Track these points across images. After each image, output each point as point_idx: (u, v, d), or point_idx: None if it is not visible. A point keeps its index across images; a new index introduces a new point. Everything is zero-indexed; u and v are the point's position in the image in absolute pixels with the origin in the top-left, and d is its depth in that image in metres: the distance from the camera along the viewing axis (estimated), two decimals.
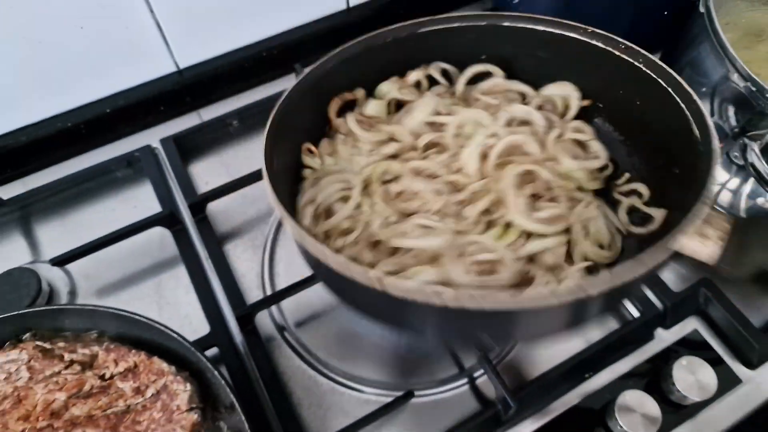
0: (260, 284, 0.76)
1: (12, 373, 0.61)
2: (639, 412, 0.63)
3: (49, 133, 0.86)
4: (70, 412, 0.59)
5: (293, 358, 0.71)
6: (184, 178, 0.83)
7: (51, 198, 0.84)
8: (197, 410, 0.59)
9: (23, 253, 0.81)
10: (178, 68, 0.91)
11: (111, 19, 0.79)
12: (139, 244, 0.78)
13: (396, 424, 0.67)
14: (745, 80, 0.55)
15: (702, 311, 0.72)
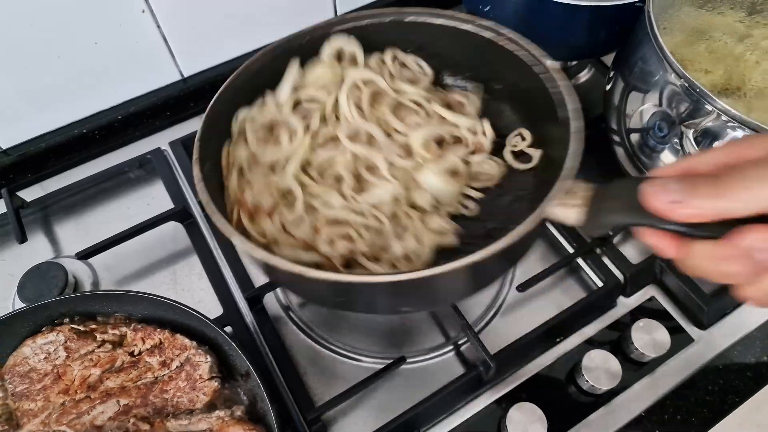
0: None
1: (51, 353, 0.69)
2: (602, 369, 0.71)
3: (66, 139, 0.93)
4: (105, 385, 0.68)
5: (298, 334, 0.79)
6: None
7: (70, 198, 0.92)
8: (217, 379, 0.68)
9: (47, 250, 0.88)
10: (183, 77, 0.99)
11: (123, 35, 0.87)
12: (154, 238, 0.86)
13: (390, 388, 0.75)
14: (680, 78, 0.64)
15: (658, 280, 0.81)
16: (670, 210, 0.41)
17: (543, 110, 0.64)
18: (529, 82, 0.66)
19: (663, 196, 0.41)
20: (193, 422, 0.64)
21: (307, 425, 0.70)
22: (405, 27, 0.73)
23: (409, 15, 0.72)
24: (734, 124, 0.61)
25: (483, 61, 0.73)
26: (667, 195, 0.41)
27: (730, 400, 0.74)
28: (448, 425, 0.72)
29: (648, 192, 0.43)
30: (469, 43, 0.71)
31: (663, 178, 0.43)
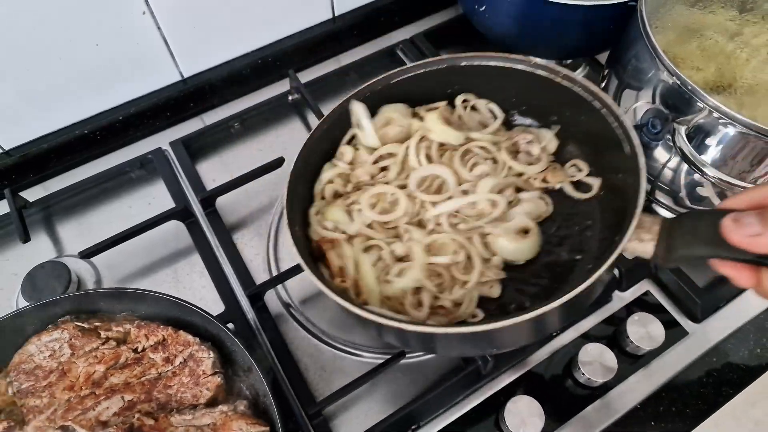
0: (266, 267, 0.86)
1: (56, 350, 0.70)
2: (599, 362, 0.73)
3: (68, 139, 0.94)
4: (109, 381, 0.69)
5: (299, 330, 0.80)
6: (194, 176, 0.92)
7: (72, 198, 0.93)
8: (220, 374, 0.69)
9: (50, 249, 0.89)
10: (183, 77, 1.00)
11: (123, 37, 0.88)
12: (155, 237, 0.87)
13: (390, 383, 0.76)
14: (672, 75, 0.65)
15: (653, 275, 0.82)
16: (751, 243, 0.44)
17: (604, 144, 0.66)
18: (588, 116, 0.67)
19: (744, 230, 0.44)
20: (196, 417, 0.65)
21: (308, 419, 0.72)
22: (460, 71, 0.75)
23: (463, 60, 0.74)
24: (725, 121, 0.63)
25: (541, 99, 0.74)
26: (748, 229, 0.44)
27: (725, 392, 0.75)
28: (448, 419, 0.73)
29: (728, 227, 0.46)
30: (525, 83, 0.73)
31: (739, 212, 0.46)
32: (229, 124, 0.99)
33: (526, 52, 1.05)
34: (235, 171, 0.92)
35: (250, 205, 0.92)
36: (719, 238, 0.46)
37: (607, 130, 0.64)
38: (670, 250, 0.52)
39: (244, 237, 0.89)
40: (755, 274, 0.47)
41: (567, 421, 0.72)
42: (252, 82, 1.04)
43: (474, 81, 0.76)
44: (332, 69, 1.05)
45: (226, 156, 0.98)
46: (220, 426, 0.65)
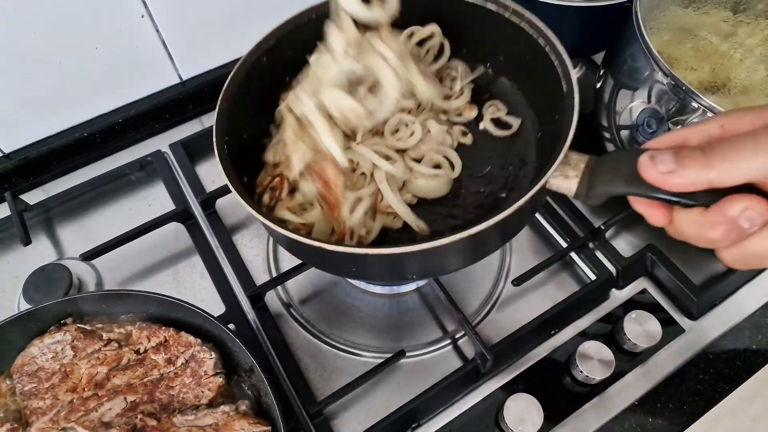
0: (266, 268, 0.86)
1: (58, 352, 0.70)
2: (596, 359, 0.74)
3: (68, 142, 0.95)
4: (112, 382, 0.69)
5: (299, 330, 0.81)
6: (193, 178, 0.93)
7: (72, 201, 0.93)
8: (222, 374, 0.69)
9: (50, 252, 0.90)
10: (181, 80, 1.00)
11: (123, 40, 0.88)
12: (156, 239, 0.88)
13: (390, 382, 0.77)
14: (666, 76, 0.66)
15: (650, 272, 0.83)
16: (663, 180, 0.44)
17: (544, 84, 0.65)
18: (532, 55, 0.66)
19: (658, 167, 0.44)
20: (199, 417, 0.66)
21: (309, 419, 0.72)
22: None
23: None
24: None
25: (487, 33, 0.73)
26: (662, 166, 0.44)
27: (721, 388, 0.76)
28: (447, 417, 0.74)
29: (644, 163, 0.45)
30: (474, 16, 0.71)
31: (657, 150, 0.45)
32: None
33: None
34: None
35: None
36: (636, 175, 0.46)
37: (548, 69, 0.64)
38: (591, 186, 0.53)
39: (243, 238, 0.89)
40: (668, 213, 0.47)
41: (566, 419, 0.73)
42: None
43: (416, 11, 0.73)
44: None
45: None
46: (222, 426, 0.65)
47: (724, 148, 0.42)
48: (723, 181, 0.42)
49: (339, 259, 0.60)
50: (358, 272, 0.66)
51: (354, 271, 0.64)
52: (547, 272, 0.84)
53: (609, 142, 0.83)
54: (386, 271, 0.64)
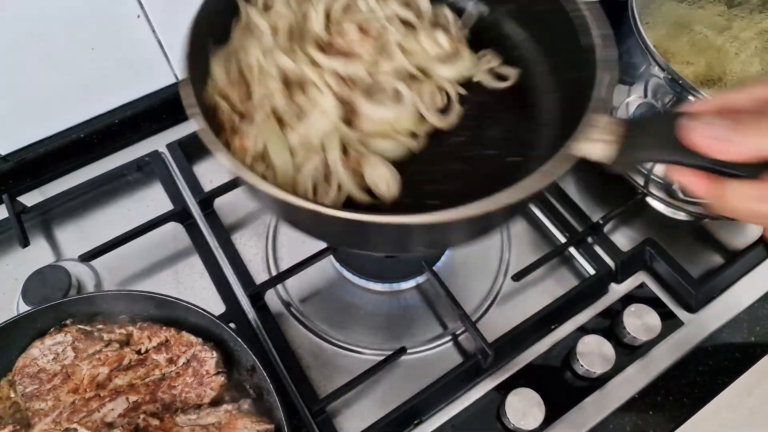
0: (266, 267, 0.86)
1: (59, 353, 0.70)
2: (596, 353, 0.74)
3: (65, 143, 0.94)
4: (114, 383, 0.69)
5: (300, 329, 0.81)
6: (191, 178, 0.92)
7: (70, 202, 0.93)
8: (224, 374, 0.69)
9: (48, 254, 0.89)
10: (178, 80, 1.00)
11: (119, 40, 0.88)
12: (154, 239, 0.88)
13: (391, 379, 0.77)
14: (663, 70, 0.67)
15: (648, 266, 0.84)
16: (710, 147, 0.40)
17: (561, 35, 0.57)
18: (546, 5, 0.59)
19: (706, 132, 0.40)
20: (201, 416, 0.66)
21: (312, 417, 0.72)
22: None
23: None
24: None
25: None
26: (711, 131, 0.39)
27: (720, 380, 0.76)
28: (449, 412, 0.74)
29: (689, 127, 0.41)
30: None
31: (704, 114, 0.41)
32: None
33: None
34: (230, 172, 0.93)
35: (248, 205, 0.92)
36: (677, 140, 0.42)
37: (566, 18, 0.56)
38: (626, 152, 0.46)
39: (243, 237, 0.89)
40: (711, 184, 0.42)
41: (567, 412, 0.73)
42: None
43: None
44: None
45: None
46: (225, 425, 0.65)
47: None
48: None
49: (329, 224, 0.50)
50: (353, 242, 0.58)
51: (349, 240, 0.57)
52: (546, 267, 0.84)
53: None
54: (389, 243, 0.56)
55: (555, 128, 0.59)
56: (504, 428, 0.73)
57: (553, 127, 0.59)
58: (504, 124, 0.62)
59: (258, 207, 0.92)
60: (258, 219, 0.91)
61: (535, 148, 0.58)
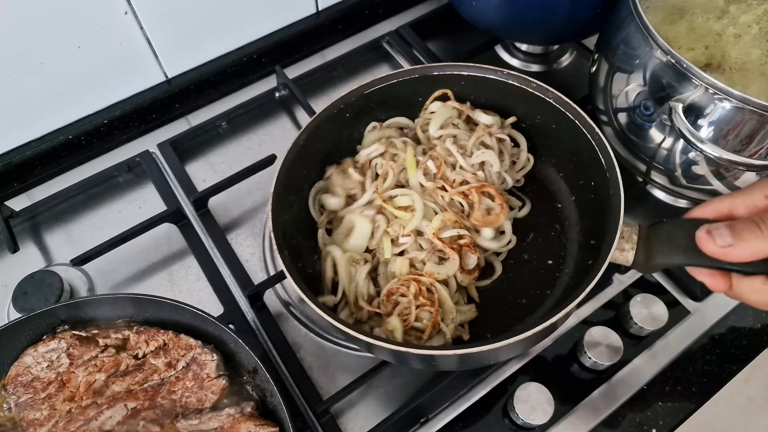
0: (263, 266, 0.84)
1: (53, 360, 0.68)
2: (604, 344, 0.73)
3: (52, 146, 0.92)
4: (111, 389, 0.67)
5: (300, 329, 0.79)
6: (184, 177, 0.90)
7: (59, 206, 0.91)
8: (224, 376, 0.67)
9: (39, 259, 0.87)
10: (167, 78, 0.98)
11: (106, 38, 0.85)
12: (148, 241, 0.86)
13: (396, 377, 0.75)
14: (666, 54, 0.65)
15: None
16: (724, 253, 0.48)
17: (576, 151, 0.71)
18: (559, 124, 0.73)
19: (717, 241, 0.48)
20: (203, 421, 0.64)
21: (316, 418, 0.71)
22: (433, 80, 0.79)
23: (434, 70, 0.78)
24: (721, 97, 0.63)
25: (513, 106, 0.80)
26: (720, 240, 0.48)
27: (728, 368, 0.75)
28: (456, 410, 0.73)
29: (702, 238, 0.50)
30: (498, 91, 0.78)
31: (711, 224, 0.50)
32: (216, 123, 0.97)
33: (513, 39, 1.06)
34: (225, 171, 0.91)
35: (243, 204, 0.90)
36: (694, 248, 0.51)
37: (580, 138, 0.69)
38: (649, 258, 0.57)
39: (238, 237, 0.87)
40: (727, 280, 0.52)
41: (576, 406, 0.72)
42: (237, 80, 1.03)
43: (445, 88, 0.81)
44: (318, 64, 1.03)
45: (215, 156, 0.96)
46: (228, 429, 0.63)
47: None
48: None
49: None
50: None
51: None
52: None
53: (606, 126, 0.82)
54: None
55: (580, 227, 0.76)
56: (512, 424, 0.72)
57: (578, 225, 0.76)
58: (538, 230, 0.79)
59: (251, 207, 0.90)
60: (253, 218, 0.89)
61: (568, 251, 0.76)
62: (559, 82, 1.04)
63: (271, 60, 1.02)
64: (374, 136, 0.81)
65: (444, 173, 0.75)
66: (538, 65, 1.05)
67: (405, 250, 0.73)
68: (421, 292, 0.68)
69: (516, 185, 0.81)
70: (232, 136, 0.98)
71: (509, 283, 0.75)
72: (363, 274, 0.71)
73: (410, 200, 0.74)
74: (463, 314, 0.71)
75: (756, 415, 1.61)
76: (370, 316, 0.71)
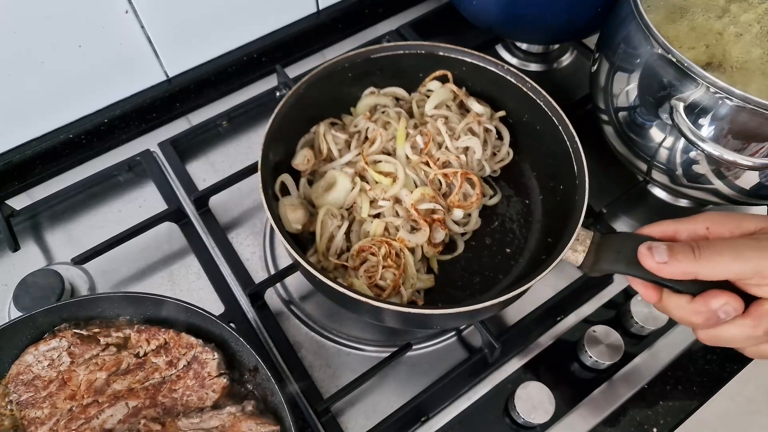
0: (264, 266, 0.84)
1: (54, 359, 0.68)
2: (605, 343, 0.73)
3: (52, 145, 0.92)
4: (112, 388, 0.67)
5: (301, 327, 0.79)
6: (185, 176, 0.90)
7: (59, 205, 0.91)
8: (225, 375, 0.67)
9: (39, 258, 0.87)
10: (168, 77, 0.98)
11: (106, 37, 0.85)
12: (149, 240, 0.85)
13: (397, 376, 0.76)
14: (667, 53, 0.66)
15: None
16: (659, 269, 0.54)
17: (553, 152, 0.75)
18: (543, 126, 0.76)
19: (654, 257, 0.54)
20: (204, 420, 0.64)
21: (317, 417, 0.71)
22: (436, 59, 0.82)
23: (440, 50, 0.81)
24: (722, 96, 0.63)
25: (506, 100, 0.82)
26: (657, 257, 0.54)
27: (729, 368, 0.76)
28: (457, 408, 0.73)
29: (643, 253, 0.55)
30: (495, 83, 0.80)
31: (653, 241, 0.56)
32: (217, 122, 0.97)
33: (513, 38, 1.05)
34: (225, 170, 0.91)
35: (243, 203, 0.90)
36: (636, 260, 0.56)
37: (560, 144, 0.73)
38: (596, 262, 0.62)
39: (239, 236, 0.87)
40: (659, 293, 0.57)
41: (577, 405, 0.72)
42: (238, 79, 1.02)
43: (447, 70, 0.83)
44: (318, 63, 1.03)
45: (215, 155, 0.96)
46: (229, 427, 0.63)
47: (710, 250, 0.52)
48: (707, 276, 0.52)
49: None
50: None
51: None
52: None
53: (607, 125, 0.82)
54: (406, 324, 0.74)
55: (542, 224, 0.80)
56: (513, 423, 0.72)
57: (540, 222, 0.81)
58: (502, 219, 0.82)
59: (252, 206, 0.90)
60: (254, 217, 0.89)
61: (527, 242, 0.80)
62: (560, 81, 1.04)
63: (271, 59, 1.02)
64: (370, 100, 0.84)
65: (430, 150, 0.78)
66: (538, 64, 1.05)
67: (382, 214, 0.76)
68: (390, 255, 0.71)
69: (492, 175, 0.84)
70: (233, 136, 0.98)
71: (467, 262, 0.78)
72: (341, 232, 0.74)
73: (393, 168, 0.77)
74: (422, 282, 0.74)
75: (756, 415, 1.60)
76: (335, 267, 0.73)
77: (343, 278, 0.72)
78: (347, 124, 0.84)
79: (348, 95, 0.85)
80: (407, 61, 0.82)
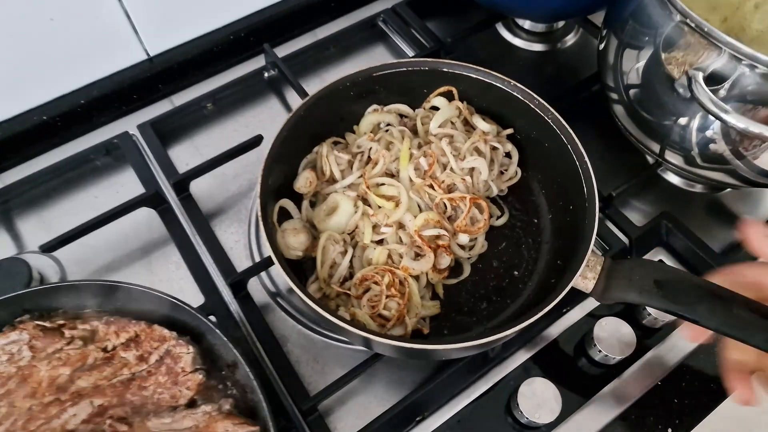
0: (248, 254, 0.79)
1: (14, 353, 0.63)
2: (615, 336, 0.68)
3: (25, 127, 0.86)
4: (76, 385, 0.62)
5: (288, 320, 0.74)
6: (165, 160, 0.85)
7: (32, 191, 0.85)
8: (201, 371, 0.62)
9: (8, 246, 0.81)
10: (149, 56, 0.92)
11: (81, 10, 0.80)
12: (126, 227, 0.80)
13: (390, 372, 0.71)
14: (685, 19, 0.60)
15: (665, 242, 0.78)
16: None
17: (562, 171, 0.72)
18: (551, 144, 0.73)
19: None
20: (176, 420, 0.59)
21: (302, 416, 0.66)
22: (441, 76, 0.78)
23: (444, 66, 0.78)
24: (747, 63, 0.58)
25: (514, 117, 0.79)
26: None
27: None
28: (455, 407, 0.69)
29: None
30: (501, 100, 0.77)
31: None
32: (201, 104, 0.92)
33: (516, 15, 1.00)
34: (210, 154, 0.86)
35: (228, 189, 0.85)
36: (649, 288, 0.55)
37: (569, 163, 0.69)
38: (607, 290, 0.59)
39: (222, 223, 0.82)
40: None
41: (585, 403, 0.67)
42: (224, 59, 0.97)
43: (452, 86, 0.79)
44: (309, 43, 0.98)
45: (199, 139, 0.91)
46: (204, 428, 0.58)
47: None
48: None
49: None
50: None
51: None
52: None
53: (617, 104, 0.77)
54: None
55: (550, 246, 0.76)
56: (515, 422, 0.66)
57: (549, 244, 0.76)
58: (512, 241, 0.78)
59: (236, 192, 0.84)
60: (238, 204, 0.84)
61: (536, 266, 0.75)
62: (565, 61, 0.99)
63: (259, 38, 0.97)
64: (373, 118, 0.80)
65: (434, 172, 0.74)
66: (542, 44, 1.00)
67: (385, 240, 0.71)
68: (394, 284, 0.68)
69: (499, 194, 0.79)
70: (219, 118, 0.93)
71: (474, 286, 0.74)
72: (346, 261, 0.70)
73: (396, 191, 0.72)
74: (427, 309, 0.70)
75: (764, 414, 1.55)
76: (338, 294, 0.70)
77: (345, 306, 0.69)
78: (350, 143, 0.79)
79: (351, 113, 0.80)
80: (410, 78, 0.79)
